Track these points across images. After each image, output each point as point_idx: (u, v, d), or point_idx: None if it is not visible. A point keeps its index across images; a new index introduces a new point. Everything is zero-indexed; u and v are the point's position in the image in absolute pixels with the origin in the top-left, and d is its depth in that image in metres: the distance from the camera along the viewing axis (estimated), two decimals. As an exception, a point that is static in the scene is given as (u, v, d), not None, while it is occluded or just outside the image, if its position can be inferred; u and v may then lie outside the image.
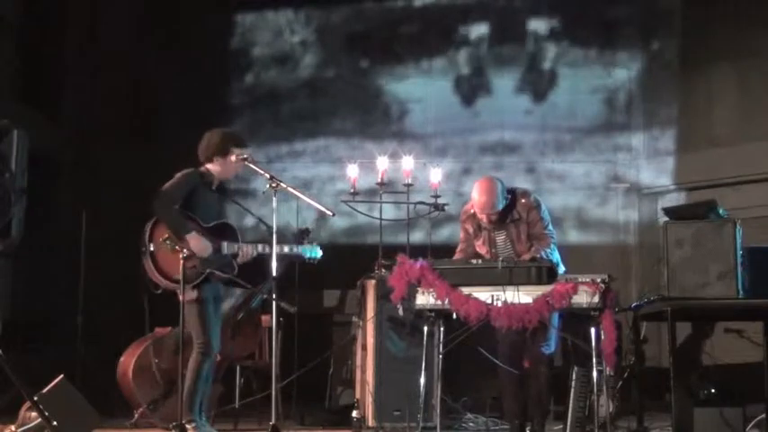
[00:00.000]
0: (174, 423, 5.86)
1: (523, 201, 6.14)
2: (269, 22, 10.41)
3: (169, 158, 6.44)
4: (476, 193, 6.10)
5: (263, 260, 6.19)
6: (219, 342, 6.15)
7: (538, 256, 5.87)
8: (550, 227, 6.17)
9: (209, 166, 6.18)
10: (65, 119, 9.32)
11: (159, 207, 5.94)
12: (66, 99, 9.44)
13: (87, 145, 9.22)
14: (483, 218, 6.10)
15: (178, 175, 6.09)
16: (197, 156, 6.25)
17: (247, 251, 6.08)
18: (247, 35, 10.40)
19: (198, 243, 5.90)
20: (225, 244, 6.03)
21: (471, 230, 6.24)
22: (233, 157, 6.14)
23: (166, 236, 5.89)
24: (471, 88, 10.07)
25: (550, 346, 6.07)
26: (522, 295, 5.66)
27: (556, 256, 6.03)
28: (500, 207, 6.06)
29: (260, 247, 6.12)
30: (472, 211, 6.20)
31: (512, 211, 6.12)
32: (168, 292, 6.04)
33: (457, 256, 6.27)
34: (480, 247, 6.23)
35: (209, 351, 6.01)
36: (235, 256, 6.07)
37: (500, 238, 6.17)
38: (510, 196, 6.13)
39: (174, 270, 5.91)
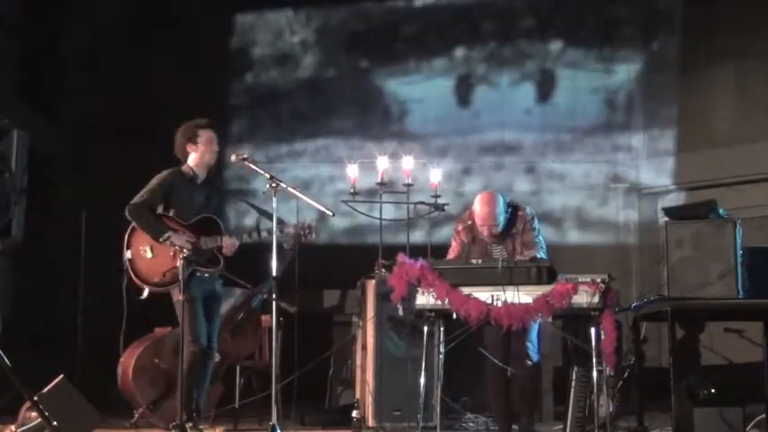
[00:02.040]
0: (174, 423, 5.87)
1: (520, 213, 6.21)
2: (269, 22, 10.41)
3: (169, 158, 6.45)
4: (478, 205, 6.13)
5: (262, 260, 6.20)
6: (212, 339, 6.18)
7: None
8: (540, 237, 6.23)
9: (188, 161, 6.24)
10: (65, 119, 9.31)
11: (132, 215, 6.07)
12: (66, 99, 9.44)
13: (87, 145, 9.22)
14: (484, 230, 6.12)
15: (153, 179, 6.16)
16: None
17: (229, 242, 6.10)
18: (247, 35, 10.40)
19: (176, 240, 5.94)
20: (203, 239, 6.06)
21: (466, 241, 6.26)
22: (201, 142, 6.17)
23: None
24: (471, 88, 10.06)
25: (535, 350, 6.08)
26: (522, 295, 5.67)
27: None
28: (501, 220, 6.10)
29: (245, 236, 6.17)
30: (470, 222, 6.22)
31: (512, 226, 6.16)
32: (156, 294, 6.08)
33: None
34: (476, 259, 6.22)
35: (199, 350, 6.03)
36: (218, 249, 6.10)
37: (496, 250, 6.19)
38: (510, 210, 6.17)
39: (151, 274, 6.08)
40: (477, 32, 10.08)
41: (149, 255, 6.07)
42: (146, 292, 6.09)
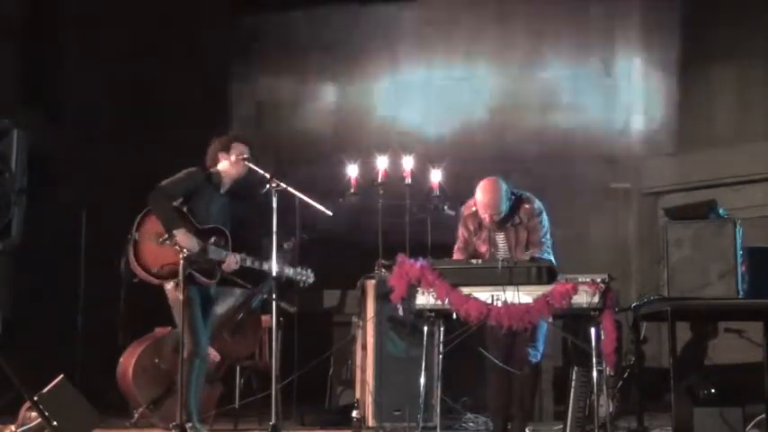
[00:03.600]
0: (174, 423, 5.87)
1: (527, 206, 6.16)
2: (273, 25, 10.41)
3: (169, 159, 6.46)
4: (480, 193, 6.12)
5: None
6: (207, 342, 6.18)
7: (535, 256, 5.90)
8: (548, 235, 6.19)
9: (218, 167, 6.23)
10: (65, 119, 9.31)
11: (153, 200, 6.01)
12: (66, 99, 9.44)
13: (87, 145, 9.22)
14: (485, 217, 6.12)
15: (182, 171, 6.13)
16: (197, 156, 6.29)
17: (231, 261, 6.09)
18: (249, 36, 10.40)
19: (185, 239, 5.92)
20: (211, 248, 6.06)
21: (472, 228, 6.25)
22: (234, 154, 6.18)
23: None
24: (472, 87, 10.06)
25: (537, 354, 6.08)
26: (522, 295, 5.66)
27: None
28: (503, 208, 6.07)
29: (248, 260, 6.14)
30: (474, 208, 6.21)
31: (514, 215, 6.14)
32: (157, 287, 6.08)
33: (455, 255, 6.28)
34: (481, 245, 6.24)
35: (196, 352, 6.03)
36: (220, 263, 6.09)
37: (500, 238, 6.19)
38: (513, 198, 6.15)
39: (152, 263, 6.01)
40: (478, 31, 10.09)
41: (156, 243, 6.04)
42: (139, 276, 6.04)
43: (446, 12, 10.12)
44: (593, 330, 5.66)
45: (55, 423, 5.03)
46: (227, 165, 6.22)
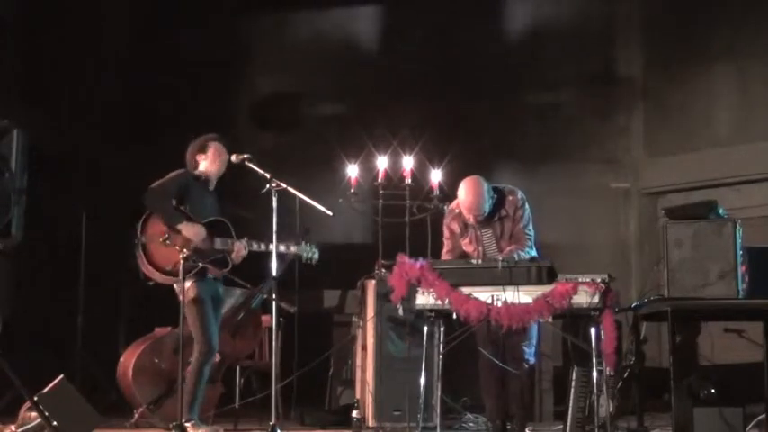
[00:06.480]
0: (174, 423, 5.87)
1: (511, 198, 6.20)
2: (272, 27, 10.40)
3: (169, 159, 6.47)
4: (462, 194, 6.14)
5: (262, 260, 6.21)
6: (218, 342, 6.20)
7: (515, 256, 5.89)
8: (530, 227, 6.23)
9: (200, 168, 6.32)
10: (65, 119, 9.30)
11: (150, 201, 6.09)
12: (66, 99, 9.43)
13: (87, 145, 9.22)
14: (470, 218, 6.14)
15: (168, 174, 6.19)
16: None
17: (240, 247, 6.16)
18: (248, 39, 10.40)
19: (191, 229, 6.00)
20: (218, 239, 6.12)
21: (458, 230, 6.28)
22: (210, 153, 6.24)
23: (166, 236, 5.95)
24: (471, 87, 10.06)
25: (533, 353, 6.08)
26: (522, 295, 5.67)
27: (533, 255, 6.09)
28: (486, 207, 6.11)
29: (254, 244, 6.19)
30: (458, 210, 6.23)
31: (499, 209, 6.16)
32: (165, 287, 6.09)
33: (444, 257, 6.29)
34: (467, 245, 6.26)
35: (210, 350, 6.06)
36: (229, 252, 6.12)
37: (487, 236, 6.21)
38: (496, 195, 6.17)
39: (165, 262, 6.06)
40: (477, 33, 10.07)
41: (162, 244, 6.07)
42: (155, 279, 6.09)
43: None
44: (593, 330, 5.67)
45: (55, 423, 5.03)
46: (206, 164, 6.32)
